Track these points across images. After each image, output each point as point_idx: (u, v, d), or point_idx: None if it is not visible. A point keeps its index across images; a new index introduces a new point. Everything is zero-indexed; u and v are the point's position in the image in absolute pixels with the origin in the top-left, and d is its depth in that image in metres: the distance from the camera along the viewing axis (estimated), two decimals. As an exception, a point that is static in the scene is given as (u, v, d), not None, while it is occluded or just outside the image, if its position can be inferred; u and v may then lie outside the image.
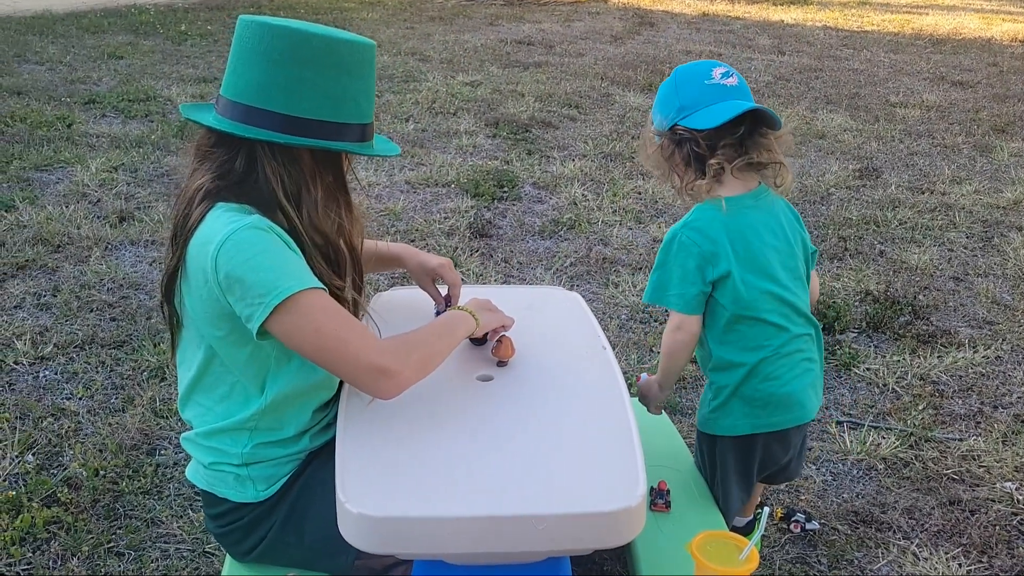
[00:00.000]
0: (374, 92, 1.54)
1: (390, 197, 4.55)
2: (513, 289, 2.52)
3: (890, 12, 12.13)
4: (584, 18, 10.88)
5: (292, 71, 1.41)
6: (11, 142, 5.09)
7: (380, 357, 1.41)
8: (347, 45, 1.44)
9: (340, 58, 1.43)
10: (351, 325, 1.42)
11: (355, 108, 1.48)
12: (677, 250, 1.78)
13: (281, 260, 1.39)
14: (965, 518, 2.38)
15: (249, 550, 1.65)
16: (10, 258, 3.65)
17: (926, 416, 2.83)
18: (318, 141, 1.45)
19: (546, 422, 1.51)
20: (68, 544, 2.17)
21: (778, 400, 1.83)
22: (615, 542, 1.37)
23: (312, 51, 1.41)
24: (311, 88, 1.42)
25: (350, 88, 1.46)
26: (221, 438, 1.58)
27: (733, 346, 1.82)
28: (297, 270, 1.40)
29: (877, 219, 4.47)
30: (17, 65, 7.09)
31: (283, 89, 1.42)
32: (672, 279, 1.78)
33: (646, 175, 4.98)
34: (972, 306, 3.60)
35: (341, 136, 1.47)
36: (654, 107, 1.84)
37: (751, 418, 1.85)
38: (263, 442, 1.58)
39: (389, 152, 1.60)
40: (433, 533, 1.29)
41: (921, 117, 6.55)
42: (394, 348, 1.46)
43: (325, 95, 1.44)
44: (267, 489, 1.60)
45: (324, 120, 1.44)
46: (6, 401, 2.73)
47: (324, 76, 1.43)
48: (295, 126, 1.43)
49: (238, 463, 1.58)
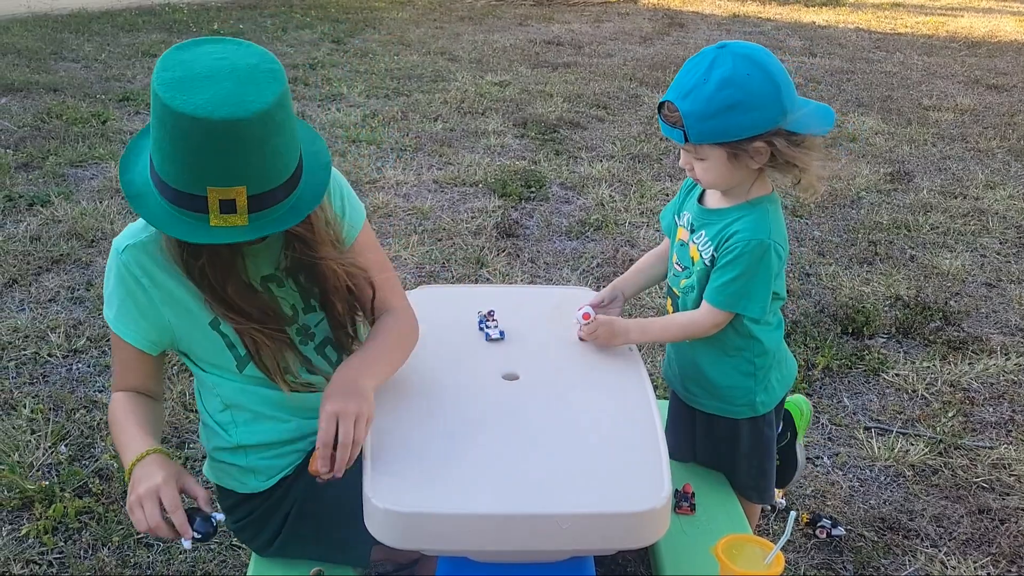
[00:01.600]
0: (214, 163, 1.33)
1: (418, 196, 4.57)
2: (539, 289, 2.53)
3: (924, 14, 11.99)
4: (613, 18, 10.85)
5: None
6: (47, 138, 5.17)
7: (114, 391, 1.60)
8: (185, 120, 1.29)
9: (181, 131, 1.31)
10: (114, 367, 1.61)
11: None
12: (767, 262, 1.71)
13: (110, 294, 1.52)
14: (994, 527, 2.35)
15: (267, 544, 1.68)
16: (45, 252, 3.72)
17: (956, 423, 2.80)
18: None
19: (571, 422, 1.51)
20: (99, 534, 2.21)
21: (787, 354, 1.94)
22: (639, 543, 1.37)
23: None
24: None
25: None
26: (215, 428, 1.64)
27: (773, 327, 1.85)
28: (112, 309, 1.52)
29: (908, 223, 4.42)
30: (53, 63, 7.20)
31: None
32: (757, 289, 1.73)
33: (674, 176, 4.96)
34: (1005, 313, 3.56)
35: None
36: (738, 103, 1.59)
37: (781, 382, 1.90)
38: (250, 442, 1.62)
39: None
40: (458, 530, 1.30)
41: (955, 121, 6.46)
42: (110, 397, 1.60)
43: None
44: (268, 480, 1.63)
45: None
46: (40, 393, 2.78)
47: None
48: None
49: (235, 454, 1.63)
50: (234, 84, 1.30)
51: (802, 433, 2.13)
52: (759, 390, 1.85)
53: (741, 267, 1.71)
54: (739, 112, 1.60)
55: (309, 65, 7.41)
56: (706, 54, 1.63)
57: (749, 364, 1.84)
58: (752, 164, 1.68)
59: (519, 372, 1.63)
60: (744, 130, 1.62)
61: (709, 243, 1.77)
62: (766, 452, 1.95)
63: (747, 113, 1.60)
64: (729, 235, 1.73)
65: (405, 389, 1.57)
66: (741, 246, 1.70)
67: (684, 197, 1.91)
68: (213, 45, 1.36)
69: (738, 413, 1.89)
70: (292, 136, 1.38)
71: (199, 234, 1.34)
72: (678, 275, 1.88)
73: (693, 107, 1.61)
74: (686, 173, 1.78)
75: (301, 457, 1.64)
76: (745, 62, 1.60)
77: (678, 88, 1.65)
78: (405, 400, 1.54)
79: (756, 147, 1.64)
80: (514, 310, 1.87)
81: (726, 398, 1.88)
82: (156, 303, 1.50)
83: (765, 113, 1.61)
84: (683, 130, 1.64)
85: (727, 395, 1.87)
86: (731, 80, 1.58)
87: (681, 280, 1.86)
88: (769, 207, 1.75)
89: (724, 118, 1.60)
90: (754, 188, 1.75)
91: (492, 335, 1.77)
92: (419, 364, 1.65)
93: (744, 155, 1.66)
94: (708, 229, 1.78)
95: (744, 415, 1.88)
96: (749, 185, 1.75)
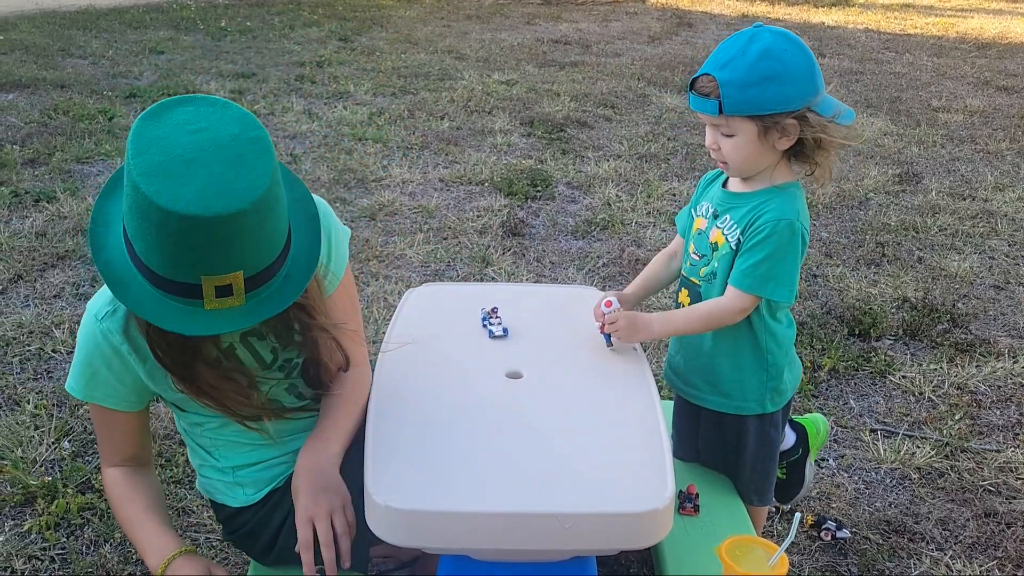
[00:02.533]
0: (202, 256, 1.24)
1: (424, 194, 4.56)
2: (544, 288, 2.52)
3: (934, 15, 11.94)
4: (622, 18, 10.84)
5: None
6: (54, 134, 5.18)
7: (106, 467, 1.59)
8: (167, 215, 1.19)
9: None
10: (97, 432, 1.59)
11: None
12: (794, 245, 1.69)
13: (82, 363, 1.47)
14: (1001, 531, 2.34)
15: (265, 552, 1.67)
16: (51, 248, 3.72)
17: (963, 426, 2.78)
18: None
19: (575, 421, 1.50)
20: (101, 530, 2.21)
21: (795, 356, 1.93)
22: (642, 543, 1.36)
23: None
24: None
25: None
26: (199, 451, 1.64)
27: (785, 325, 1.85)
28: (82, 379, 1.47)
29: (916, 225, 4.40)
30: (61, 59, 7.22)
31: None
32: (785, 272, 1.70)
33: (681, 177, 4.95)
34: (1013, 315, 3.53)
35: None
36: (776, 75, 1.61)
37: (791, 382, 1.90)
38: (236, 463, 1.62)
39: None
40: (459, 528, 1.29)
41: (964, 122, 6.43)
42: (104, 474, 1.59)
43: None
44: (256, 493, 1.62)
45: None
46: (44, 389, 2.78)
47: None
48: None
49: (224, 472, 1.63)
50: (222, 168, 1.18)
51: (815, 452, 2.10)
52: (771, 387, 1.84)
53: (769, 248, 1.69)
54: (777, 84, 1.61)
55: (316, 63, 7.41)
56: (744, 32, 1.66)
57: (763, 360, 1.82)
58: (780, 144, 1.68)
59: (523, 370, 1.62)
60: (780, 103, 1.63)
61: (735, 226, 1.74)
62: (770, 455, 1.93)
63: (784, 86, 1.62)
64: (757, 216, 1.71)
65: (408, 386, 1.57)
66: (771, 226, 1.68)
67: (703, 190, 1.90)
68: (185, 110, 1.23)
69: (747, 409, 1.86)
70: (283, 206, 1.30)
71: (196, 324, 1.25)
72: (696, 264, 1.85)
73: (733, 76, 1.62)
74: (710, 155, 1.76)
75: (289, 468, 1.61)
76: (782, 39, 1.64)
77: (715, 61, 1.66)
78: (408, 397, 1.53)
79: (788, 124, 1.64)
80: (518, 308, 1.86)
81: (736, 394, 1.85)
82: (133, 368, 1.45)
83: (800, 88, 1.63)
84: (719, 100, 1.63)
85: (738, 390, 1.85)
86: (770, 52, 1.61)
87: (700, 269, 1.83)
88: (796, 192, 1.74)
89: (762, 88, 1.61)
90: (777, 174, 1.74)
91: (495, 332, 1.76)
92: (423, 362, 1.64)
93: (773, 132, 1.65)
94: (734, 212, 1.76)
95: (753, 411, 1.86)
96: (772, 170, 1.74)
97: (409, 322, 1.79)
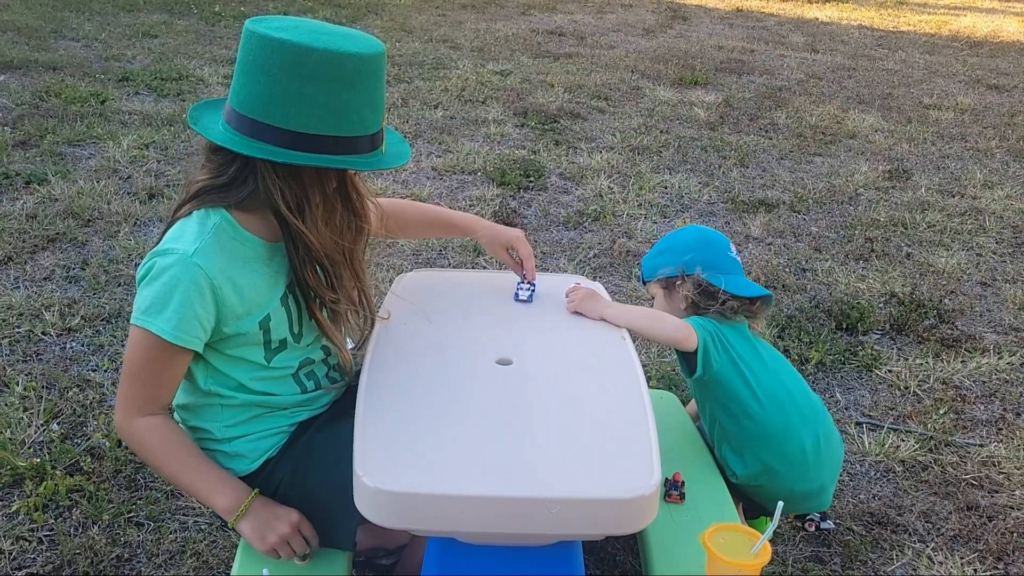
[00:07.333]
0: (381, 101, 1.48)
1: (416, 183, 4.56)
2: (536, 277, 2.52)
3: (927, 13, 11.97)
4: (617, 10, 10.82)
5: (292, 85, 1.38)
6: (45, 117, 5.16)
7: (119, 413, 1.54)
8: (349, 59, 1.38)
9: (342, 72, 1.38)
10: (137, 379, 1.51)
11: (358, 121, 1.44)
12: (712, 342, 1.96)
13: (164, 298, 1.44)
14: (982, 524, 2.37)
15: None
16: (41, 231, 3.71)
17: (947, 420, 2.81)
18: (318, 157, 1.42)
19: (563, 407, 1.51)
20: (89, 512, 2.21)
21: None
22: (627, 529, 1.38)
23: (312, 66, 1.36)
24: (311, 103, 1.39)
25: (352, 101, 1.41)
26: (201, 425, 1.65)
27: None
28: (167, 314, 1.44)
29: (905, 221, 4.43)
30: (53, 41, 7.17)
31: (284, 104, 1.39)
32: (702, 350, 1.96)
33: (673, 170, 4.96)
34: (999, 312, 3.56)
35: (344, 149, 1.44)
36: (667, 249, 2.05)
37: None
38: (235, 434, 1.63)
39: (392, 164, 1.53)
40: (447, 510, 1.31)
41: (954, 120, 6.47)
42: (137, 424, 1.54)
43: (326, 109, 1.40)
44: (252, 463, 1.64)
45: (326, 135, 1.41)
46: (33, 371, 2.78)
47: (325, 91, 1.38)
48: (297, 141, 1.40)
49: (221, 443, 1.64)
50: (341, 33, 1.42)
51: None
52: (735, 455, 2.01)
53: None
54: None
55: (310, 50, 7.37)
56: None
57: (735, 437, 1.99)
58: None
59: (512, 357, 1.64)
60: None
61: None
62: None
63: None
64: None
65: (398, 371, 1.58)
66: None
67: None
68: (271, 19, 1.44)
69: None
70: None
71: (399, 154, 1.54)
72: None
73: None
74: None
75: (285, 437, 1.67)
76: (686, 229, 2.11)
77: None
78: (398, 382, 1.54)
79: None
80: (509, 296, 1.87)
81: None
82: (222, 300, 1.48)
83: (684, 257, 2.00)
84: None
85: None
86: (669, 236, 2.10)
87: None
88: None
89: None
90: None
91: (521, 295, 1.86)
92: (412, 348, 1.65)
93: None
94: None
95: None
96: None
97: (399, 308, 1.80)
